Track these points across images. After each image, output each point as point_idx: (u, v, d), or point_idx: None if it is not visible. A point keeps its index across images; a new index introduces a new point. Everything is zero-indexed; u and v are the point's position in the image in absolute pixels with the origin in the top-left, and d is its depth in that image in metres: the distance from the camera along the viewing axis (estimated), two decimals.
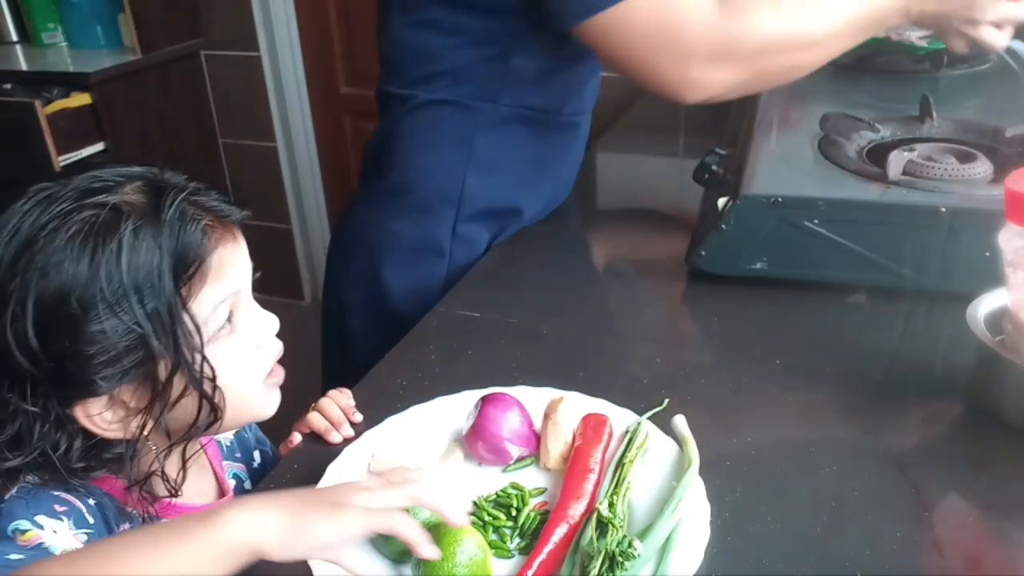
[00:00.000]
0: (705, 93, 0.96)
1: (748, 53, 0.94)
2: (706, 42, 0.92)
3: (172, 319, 0.61)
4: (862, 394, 0.79)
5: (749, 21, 0.93)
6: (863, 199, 0.92)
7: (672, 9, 0.91)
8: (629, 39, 0.93)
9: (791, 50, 0.96)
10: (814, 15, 0.96)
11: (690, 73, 0.94)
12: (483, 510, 0.66)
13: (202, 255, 0.63)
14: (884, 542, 0.62)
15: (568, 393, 0.75)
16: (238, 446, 0.85)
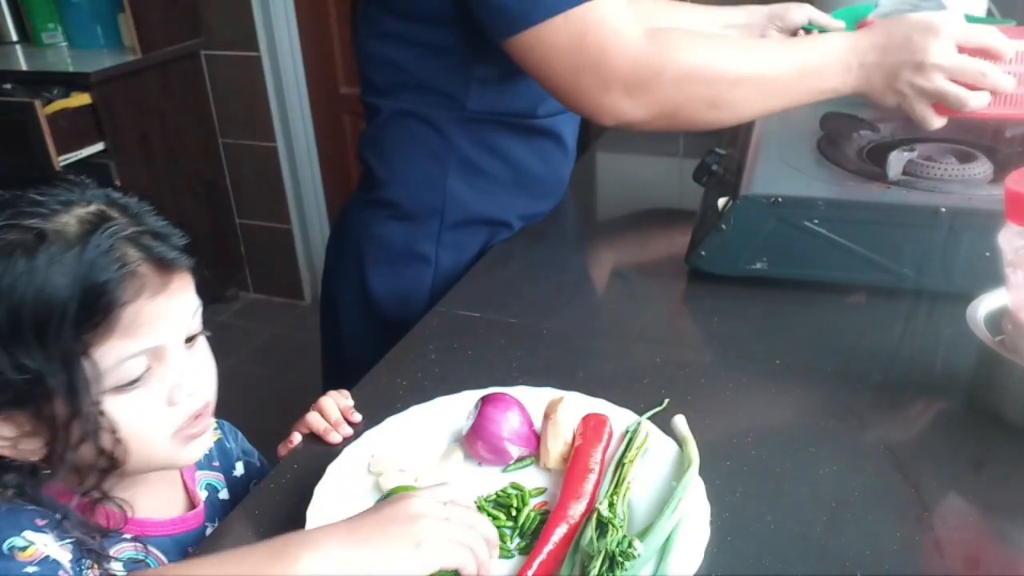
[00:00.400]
0: (623, 120, 0.93)
1: (670, 83, 0.90)
2: (628, 70, 0.90)
3: (67, 363, 0.58)
4: (862, 394, 0.79)
5: (675, 50, 0.90)
6: (863, 199, 0.92)
7: (596, 33, 0.89)
8: (552, 59, 0.92)
9: (714, 83, 0.91)
10: (743, 54, 0.93)
11: (608, 99, 0.91)
12: (483, 510, 0.66)
13: (113, 304, 0.59)
14: (884, 542, 0.62)
15: (568, 393, 0.75)
16: (217, 454, 0.84)
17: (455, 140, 1.07)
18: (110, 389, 0.62)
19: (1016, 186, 0.69)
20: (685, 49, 0.91)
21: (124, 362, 0.61)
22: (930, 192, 0.93)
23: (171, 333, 0.65)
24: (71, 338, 0.58)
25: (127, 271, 0.60)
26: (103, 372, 0.60)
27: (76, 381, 0.59)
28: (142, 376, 0.63)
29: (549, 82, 0.95)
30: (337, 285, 1.19)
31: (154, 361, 0.64)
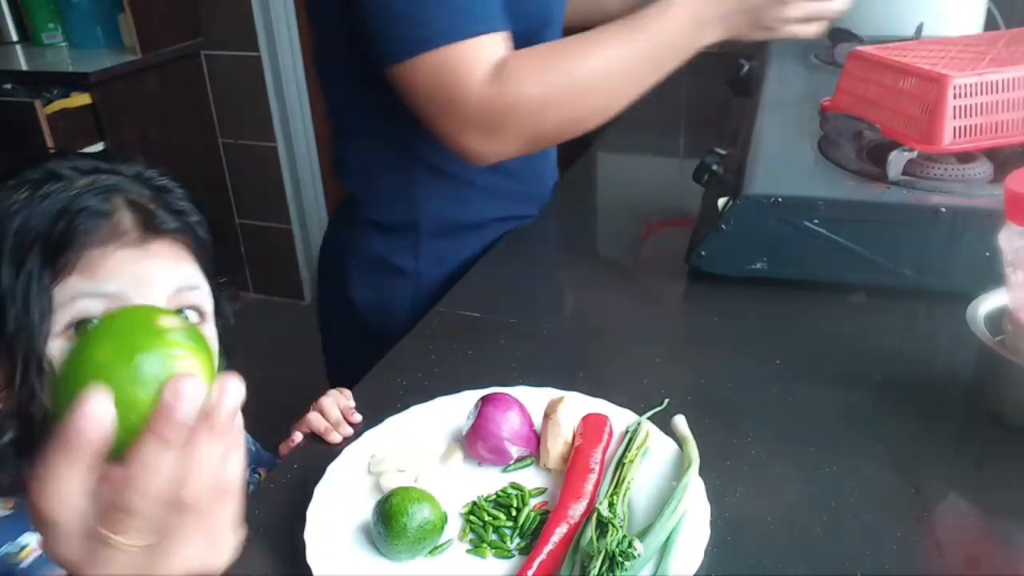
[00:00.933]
0: (488, 160, 0.93)
1: (524, 117, 0.89)
2: (479, 114, 0.89)
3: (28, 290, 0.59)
4: (862, 394, 0.79)
5: (518, 88, 0.88)
6: (863, 199, 0.92)
7: (448, 78, 0.88)
8: (414, 98, 0.91)
9: (568, 102, 0.90)
10: (589, 62, 0.90)
11: (468, 142, 0.91)
12: (483, 510, 0.66)
13: (81, 243, 0.60)
14: (884, 542, 0.62)
15: (568, 393, 0.75)
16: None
17: (419, 152, 1.06)
18: (65, 328, 0.59)
19: (1016, 186, 0.69)
20: (529, 81, 0.88)
21: (77, 300, 0.59)
22: (930, 192, 0.93)
23: (140, 291, 0.61)
24: (38, 265, 0.59)
25: (105, 216, 0.61)
26: (57, 307, 0.59)
27: (34, 312, 0.58)
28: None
29: (421, 121, 0.94)
30: (325, 295, 1.20)
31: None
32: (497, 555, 0.63)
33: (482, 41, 0.88)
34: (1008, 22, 1.54)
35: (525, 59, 0.90)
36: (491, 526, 0.65)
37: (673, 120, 1.65)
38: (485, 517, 0.65)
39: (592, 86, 0.91)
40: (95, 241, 0.61)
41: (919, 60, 0.99)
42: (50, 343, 0.59)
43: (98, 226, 0.61)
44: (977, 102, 0.92)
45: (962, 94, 0.91)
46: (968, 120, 0.92)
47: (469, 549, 0.63)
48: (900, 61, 0.99)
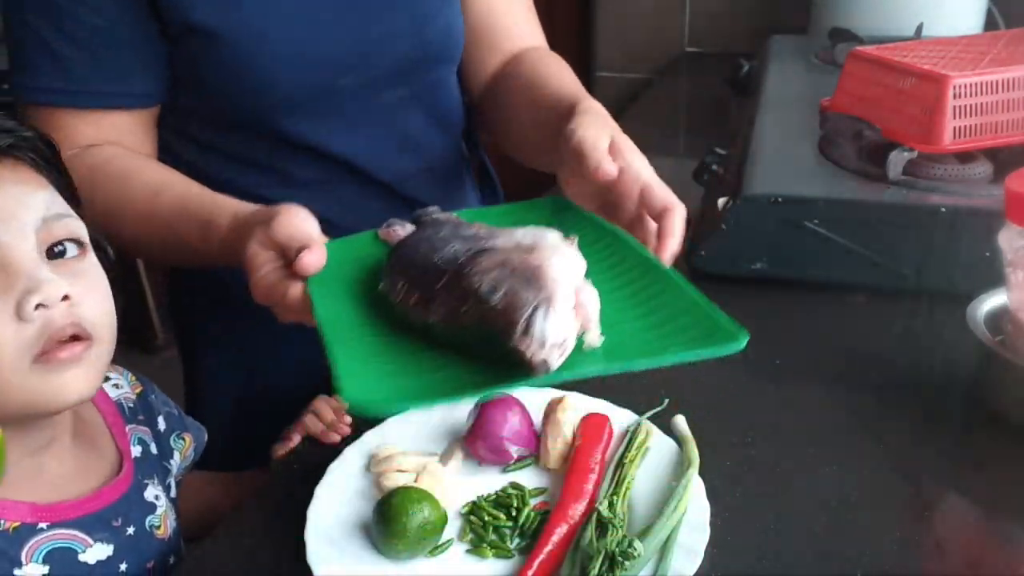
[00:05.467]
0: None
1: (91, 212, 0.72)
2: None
3: None
4: (862, 394, 0.79)
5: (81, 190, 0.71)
6: (863, 199, 0.92)
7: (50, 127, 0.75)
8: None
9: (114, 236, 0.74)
10: (133, 224, 0.80)
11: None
12: (483, 510, 0.66)
13: None
14: (884, 542, 0.62)
15: (568, 393, 0.75)
16: (141, 408, 0.77)
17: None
18: None
19: (1016, 186, 0.69)
20: (83, 190, 0.71)
21: None
22: (930, 192, 0.93)
23: (5, 229, 0.56)
24: None
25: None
26: None
27: None
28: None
29: None
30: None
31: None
32: (497, 555, 0.62)
33: (78, 115, 0.80)
34: (1008, 22, 1.54)
35: (88, 170, 0.77)
36: (491, 526, 0.65)
37: (673, 120, 1.65)
38: (485, 517, 0.65)
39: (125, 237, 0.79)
40: None
41: (919, 60, 0.99)
42: None
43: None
44: (977, 102, 0.92)
45: (962, 94, 0.92)
46: (968, 120, 0.93)
47: (469, 549, 0.63)
48: (900, 61, 1.00)
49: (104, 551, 0.64)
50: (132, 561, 0.67)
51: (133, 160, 0.83)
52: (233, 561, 0.65)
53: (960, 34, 1.25)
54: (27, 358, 0.56)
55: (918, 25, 1.38)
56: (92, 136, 0.81)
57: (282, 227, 0.66)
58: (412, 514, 0.61)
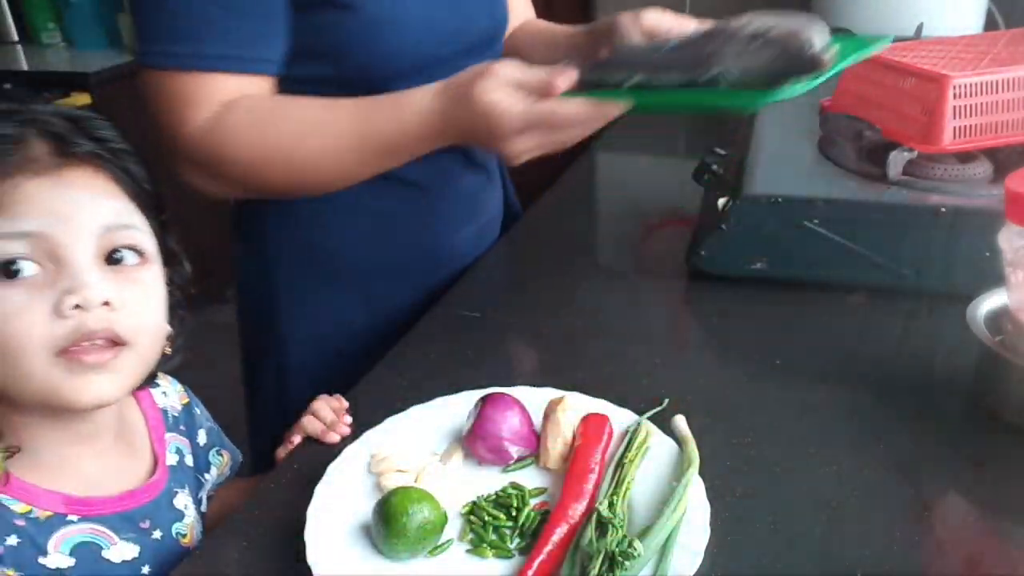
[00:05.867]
0: (207, 194, 0.85)
1: (234, 172, 0.82)
2: (194, 154, 0.82)
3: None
4: (862, 394, 0.79)
5: (226, 149, 0.80)
6: (863, 199, 0.92)
7: (163, 104, 0.81)
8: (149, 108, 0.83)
9: (273, 174, 0.82)
10: (308, 142, 0.82)
11: (186, 176, 0.84)
12: (483, 510, 0.66)
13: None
14: (884, 542, 0.62)
15: (568, 393, 0.75)
16: (184, 418, 0.79)
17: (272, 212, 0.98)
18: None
19: (1016, 186, 0.69)
20: (244, 137, 0.80)
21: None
22: (930, 192, 0.93)
23: (63, 228, 0.58)
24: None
25: (14, 141, 0.58)
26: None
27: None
28: (27, 271, 0.57)
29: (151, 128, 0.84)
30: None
31: (47, 261, 0.58)
32: (497, 555, 0.63)
33: (212, 79, 0.81)
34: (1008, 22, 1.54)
35: (246, 115, 0.81)
36: (491, 526, 0.65)
37: (673, 120, 1.65)
38: (485, 517, 0.65)
39: (301, 166, 0.83)
40: (2, 171, 0.57)
41: (919, 60, 0.99)
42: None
43: (6, 154, 0.58)
44: (977, 102, 0.92)
45: (962, 94, 0.92)
46: (968, 120, 0.93)
47: (469, 549, 0.63)
48: (900, 61, 1.00)
49: (129, 551, 0.65)
50: (155, 565, 0.67)
51: (288, 95, 0.86)
52: (233, 561, 0.65)
53: (960, 34, 1.25)
54: (50, 351, 0.57)
55: (918, 25, 1.39)
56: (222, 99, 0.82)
57: (513, 66, 0.75)
58: (412, 514, 0.61)
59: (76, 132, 0.62)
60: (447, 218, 1.04)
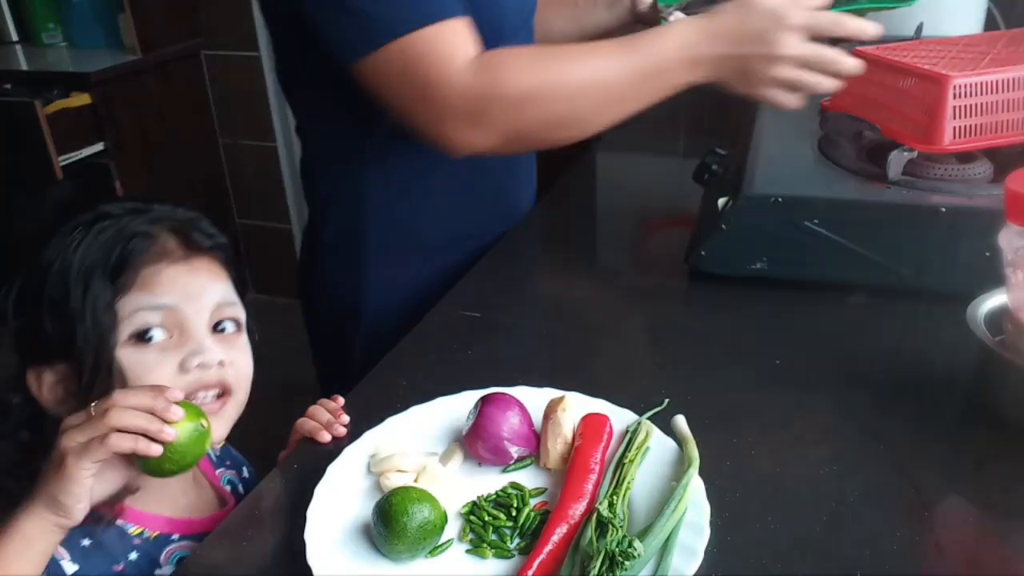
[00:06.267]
0: (468, 150, 0.89)
1: (505, 110, 0.87)
2: (460, 103, 0.86)
3: (96, 311, 0.69)
4: (862, 394, 0.79)
5: (504, 77, 0.86)
6: (863, 199, 0.92)
7: (425, 66, 0.85)
8: (387, 90, 0.88)
9: (551, 103, 0.88)
10: (579, 65, 0.88)
11: (446, 132, 0.88)
12: (483, 510, 0.66)
13: (137, 263, 0.71)
14: (884, 542, 0.62)
15: (568, 393, 0.75)
16: (226, 456, 0.91)
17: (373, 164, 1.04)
18: (128, 339, 0.70)
19: (1016, 186, 0.69)
20: (515, 72, 0.87)
21: (139, 312, 0.70)
22: (930, 192, 0.93)
23: (190, 304, 0.72)
24: (101, 288, 0.70)
25: (153, 238, 0.73)
26: (121, 320, 0.70)
27: (102, 326, 0.69)
28: (157, 337, 0.71)
29: (393, 112, 0.91)
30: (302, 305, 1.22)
31: (175, 330, 0.72)
32: (497, 555, 0.63)
33: (451, 26, 0.86)
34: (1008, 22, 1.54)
35: (514, 53, 0.89)
36: (491, 526, 0.65)
37: (673, 120, 1.65)
38: (485, 517, 0.65)
39: (578, 90, 0.88)
40: (147, 260, 0.72)
41: (919, 60, 0.99)
42: (116, 352, 0.69)
43: (148, 247, 0.72)
44: (977, 102, 0.92)
45: (962, 94, 0.91)
46: (968, 120, 0.92)
47: (469, 549, 0.64)
48: (900, 61, 0.99)
49: None
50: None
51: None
52: (233, 561, 0.65)
53: (960, 34, 1.25)
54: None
55: (918, 25, 1.38)
56: (470, 42, 0.88)
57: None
58: (412, 514, 0.61)
59: (192, 229, 0.76)
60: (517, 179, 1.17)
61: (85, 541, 0.70)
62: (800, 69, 0.88)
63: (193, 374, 0.71)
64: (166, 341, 0.71)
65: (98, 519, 0.69)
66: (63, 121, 2.31)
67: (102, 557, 0.70)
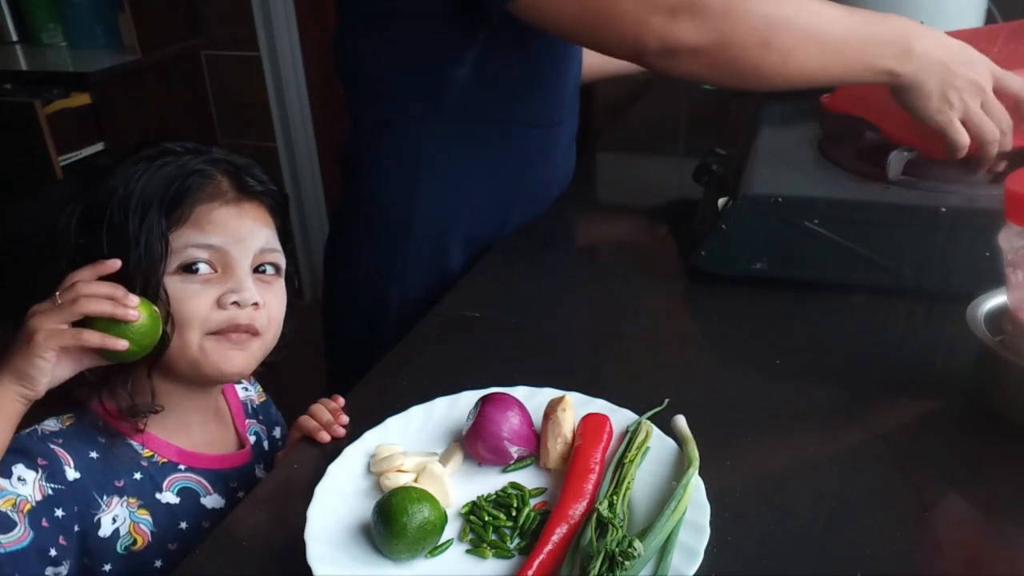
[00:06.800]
0: (670, 44, 0.85)
1: (720, 10, 0.84)
2: (688, 27, 0.84)
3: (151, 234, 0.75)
4: (862, 394, 0.79)
5: (737, 6, 0.84)
6: (863, 199, 0.92)
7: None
8: (604, 26, 0.86)
9: (767, 20, 0.85)
10: (796, 6, 0.86)
11: (653, 22, 0.84)
12: (483, 510, 0.66)
13: (193, 201, 0.77)
14: (884, 542, 0.62)
15: (568, 393, 0.75)
16: (263, 412, 0.96)
17: (429, 149, 1.06)
18: (175, 269, 0.76)
19: (1016, 186, 0.69)
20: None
21: (188, 248, 0.76)
22: (930, 192, 0.93)
23: (236, 246, 0.78)
24: (157, 219, 0.75)
25: (209, 177, 0.79)
26: (172, 252, 0.76)
27: (154, 254, 0.74)
28: (202, 270, 0.77)
29: (580, 21, 0.88)
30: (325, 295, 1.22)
31: (220, 267, 0.78)
32: (497, 555, 0.63)
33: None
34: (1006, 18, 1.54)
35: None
36: (491, 526, 0.65)
37: (673, 120, 1.65)
38: (485, 517, 0.65)
39: (796, 16, 0.86)
40: (201, 198, 0.77)
41: None
42: (164, 280, 0.75)
43: (204, 185, 0.78)
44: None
45: None
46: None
47: (469, 549, 0.63)
48: None
49: (219, 502, 0.83)
50: None
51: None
52: (233, 561, 0.65)
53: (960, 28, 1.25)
54: (205, 330, 0.76)
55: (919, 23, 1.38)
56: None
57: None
58: (412, 514, 0.61)
59: (246, 174, 0.81)
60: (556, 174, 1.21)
61: (93, 453, 0.75)
62: (981, 111, 0.87)
63: (229, 311, 0.77)
64: (210, 275, 0.77)
65: (115, 435, 0.77)
66: (63, 121, 2.31)
67: (105, 470, 0.75)
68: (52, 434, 0.74)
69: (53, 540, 0.69)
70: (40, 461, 0.70)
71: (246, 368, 0.80)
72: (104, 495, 0.74)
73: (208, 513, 0.81)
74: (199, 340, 0.76)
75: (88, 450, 0.74)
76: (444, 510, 0.64)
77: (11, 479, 0.67)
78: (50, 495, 0.69)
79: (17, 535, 0.66)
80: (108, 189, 0.77)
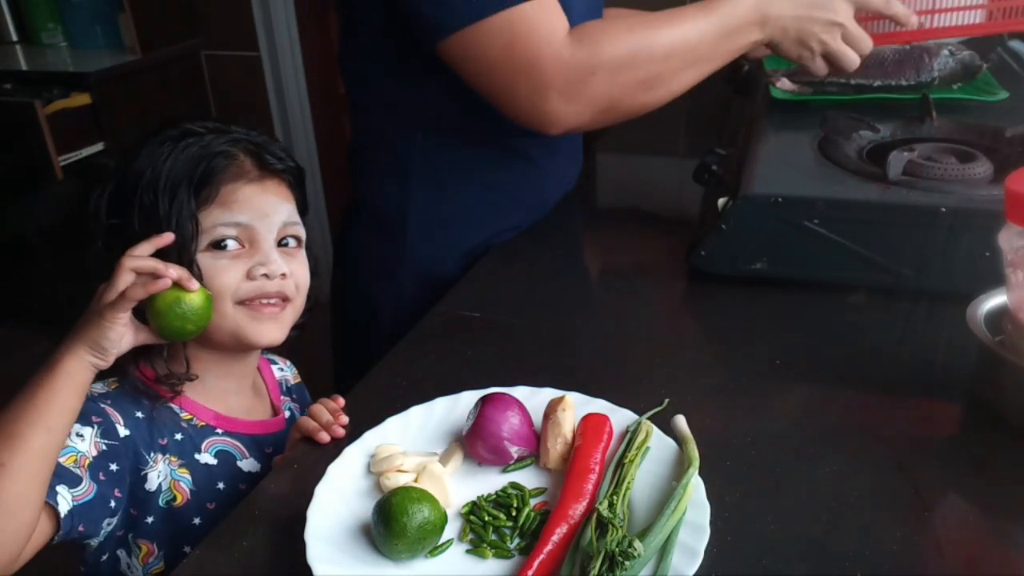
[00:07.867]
0: (564, 126, 0.94)
1: (604, 79, 0.92)
2: (561, 76, 0.90)
3: (182, 219, 0.79)
4: (862, 394, 0.79)
5: (602, 47, 0.91)
6: (863, 199, 0.92)
7: (526, 39, 0.89)
8: (485, 65, 0.91)
9: (644, 65, 0.93)
10: (667, 27, 0.94)
11: (547, 107, 0.91)
12: (483, 510, 0.66)
13: (219, 181, 0.81)
14: (884, 542, 0.62)
15: (568, 393, 0.75)
16: (297, 394, 1.02)
17: (421, 158, 1.07)
18: (206, 247, 0.81)
19: (1016, 186, 0.69)
20: (611, 40, 0.92)
21: (217, 227, 0.81)
22: (930, 192, 0.93)
23: (261, 222, 0.83)
24: (186, 199, 0.80)
25: (233, 157, 0.83)
26: (202, 231, 0.80)
27: (186, 233, 0.79)
28: (231, 246, 0.82)
29: (485, 91, 0.94)
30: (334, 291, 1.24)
31: (247, 242, 0.83)
32: (497, 555, 0.63)
33: (548, 2, 0.90)
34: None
35: (604, 25, 0.95)
36: (491, 526, 0.65)
37: (673, 120, 1.65)
38: (485, 517, 0.65)
39: (668, 52, 0.94)
40: (227, 178, 0.82)
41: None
42: (201, 257, 0.80)
43: (228, 165, 0.82)
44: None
45: None
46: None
47: (469, 549, 0.63)
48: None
49: (254, 466, 0.88)
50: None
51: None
52: (233, 561, 0.65)
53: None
54: (235, 300, 0.82)
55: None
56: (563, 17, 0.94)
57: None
58: (412, 514, 0.61)
59: (267, 152, 0.86)
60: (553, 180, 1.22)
61: (139, 413, 0.80)
62: (842, 42, 0.96)
63: (258, 282, 0.82)
64: (238, 250, 0.82)
65: (155, 397, 0.82)
66: (63, 121, 2.32)
67: (151, 429, 0.80)
68: (101, 395, 0.79)
69: (110, 493, 0.74)
70: (95, 419, 0.75)
71: (281, 336, 0.85)
72: (151, 452, 0.79)
73: (244, 476, 0.86)
74: (231, 310, 0.82)
75: (134, 410, 0.80)
76: (444, 510, 0.64)
77: (71, 436, 0.72)
78: (104, 450, 0.75)
79: (84, 488, 0.71)
80: (135, 171, 0.81)
